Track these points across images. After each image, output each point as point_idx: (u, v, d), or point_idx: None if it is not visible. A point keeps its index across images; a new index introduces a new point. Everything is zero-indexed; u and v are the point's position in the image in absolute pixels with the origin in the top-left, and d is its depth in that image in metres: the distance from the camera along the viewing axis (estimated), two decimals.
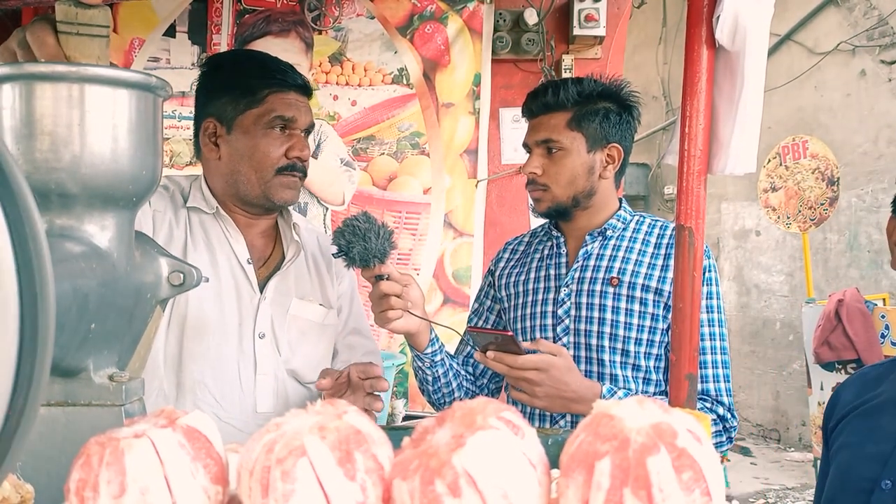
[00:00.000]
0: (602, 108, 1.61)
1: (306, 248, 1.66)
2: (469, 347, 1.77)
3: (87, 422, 0.85)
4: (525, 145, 1.68)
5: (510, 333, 1.43)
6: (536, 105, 1.65)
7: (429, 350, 1.60)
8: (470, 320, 1.86)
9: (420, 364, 1.63)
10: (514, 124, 3.12)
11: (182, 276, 0.96)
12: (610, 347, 1.58)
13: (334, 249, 1.46)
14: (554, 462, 0.58)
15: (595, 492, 0.50)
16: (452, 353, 1.77)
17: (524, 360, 1.41)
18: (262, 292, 1.55)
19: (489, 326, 1.80)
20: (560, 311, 1.63)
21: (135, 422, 0.59)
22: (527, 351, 1.44)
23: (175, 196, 1.57)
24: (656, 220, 1.70)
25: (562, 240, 1.71)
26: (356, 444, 0.54)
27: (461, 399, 1.71)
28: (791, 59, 6.21)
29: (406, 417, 3.02)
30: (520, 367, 1.41)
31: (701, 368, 1.56)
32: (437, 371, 1.63)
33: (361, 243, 1.42)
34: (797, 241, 5.69)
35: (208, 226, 1.56)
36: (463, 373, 1.72)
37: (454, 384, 1.68)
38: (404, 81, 3.15)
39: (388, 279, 1.46)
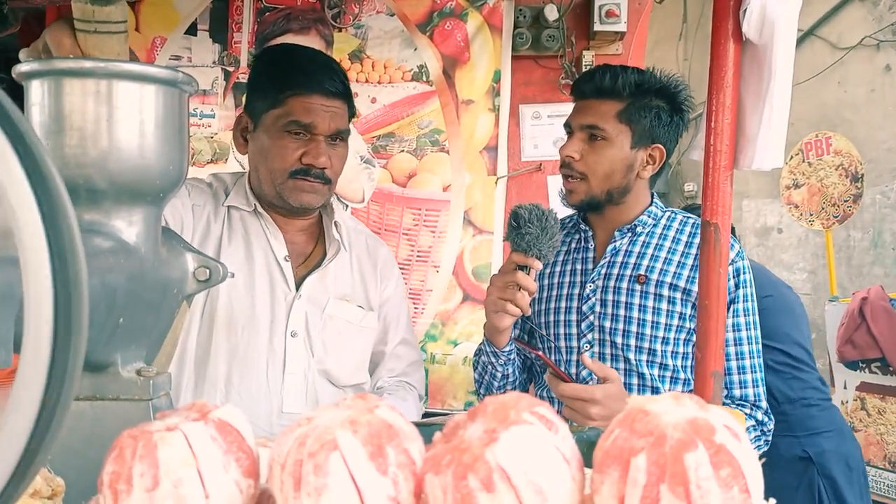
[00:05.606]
0: (655, 106, 1.57)
1: (351, 248, 1.63)
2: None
3: (115, 416, 0.85)
4: (567, 126, 1.62)
5: (551, 363, 1.43)
6: (590, 87, 1.58)
7: (507, 348, 1.58)
8: None
9: (494, 360, 1.61)
10: (534, 121, 3.10)
11: (208, 271, 0.97)
12: (636, 346, 1.55)
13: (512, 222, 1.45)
14: (583, 460, 0.57)
15: (631, 488, 0.50)
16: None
17: (572, 391, 1.39)
18: (297, 290, 1.53)
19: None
20: (585, 308, 1.61)
21: (167, 415, 0.59)
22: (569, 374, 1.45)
23: (217, 192, 1.57)
24: (688, 217, 1.66)
25: (590, 233, 1.68)
26: (388, 438, 0.54)
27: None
28: (814, 54, 6.13)
29: (426, 415, 3.01)
30: (569, 396, 1.39)
31: (739, 374, 1.54)
32: (507, 369, 1.63)
33: (539, 231, 1.42)
34: (820, 239, 5.61)
35: (248, 222, 1.55)
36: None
37: (518, 381, 1.69)
38: (424, 78, 3.14)
39: (528, 274, 1.45)
